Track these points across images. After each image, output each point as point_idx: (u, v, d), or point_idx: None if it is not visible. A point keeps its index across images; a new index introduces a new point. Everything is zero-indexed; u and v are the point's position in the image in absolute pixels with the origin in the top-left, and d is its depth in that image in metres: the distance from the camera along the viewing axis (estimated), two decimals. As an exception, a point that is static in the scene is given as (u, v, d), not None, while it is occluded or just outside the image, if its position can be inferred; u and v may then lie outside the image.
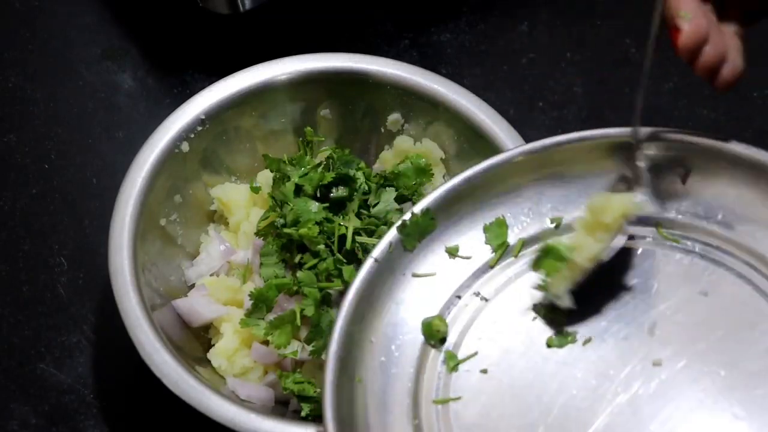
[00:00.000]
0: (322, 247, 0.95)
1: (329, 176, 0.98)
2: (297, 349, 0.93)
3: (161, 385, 0.88)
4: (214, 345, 0.96)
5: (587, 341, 0.82)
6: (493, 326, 0.85)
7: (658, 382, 0.79)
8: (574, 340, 0.82)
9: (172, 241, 1.01)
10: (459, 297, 0.87)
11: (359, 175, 0.98)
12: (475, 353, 0.84)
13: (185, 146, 1.00)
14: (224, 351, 0.95)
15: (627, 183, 0.86)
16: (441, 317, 0.86)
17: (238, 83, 1.02)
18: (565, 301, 0.82)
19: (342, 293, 0.88)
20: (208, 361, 0.95)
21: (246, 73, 1.02)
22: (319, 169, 0.99)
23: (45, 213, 1.10)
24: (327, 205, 0.97)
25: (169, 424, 0.98)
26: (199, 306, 0.97)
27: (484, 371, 0.83)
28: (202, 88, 1.02)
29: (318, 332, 0.93)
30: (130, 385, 0.99)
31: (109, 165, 1.11)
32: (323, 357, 0.86)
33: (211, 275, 1.00)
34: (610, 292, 0.84)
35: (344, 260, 0.94)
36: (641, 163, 0.85)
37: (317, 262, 0.95)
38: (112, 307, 0.91)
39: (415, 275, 0.88)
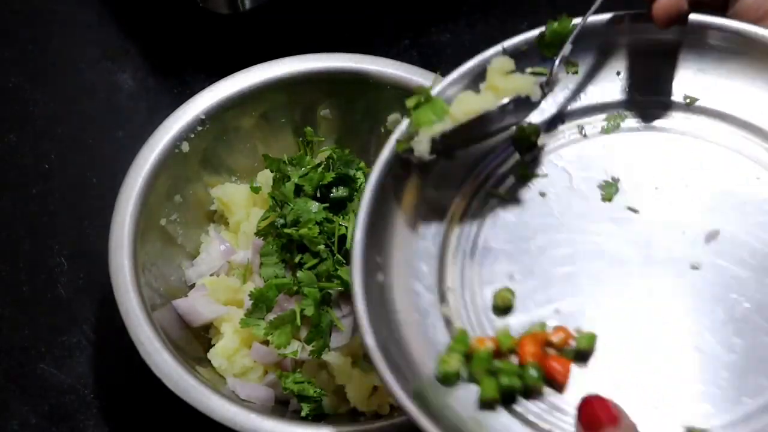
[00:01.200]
0: (322, 247, 0.95)
1: (329, 176, 0.98)
2: (297, 349, 0.93)
3: (161, 385, 0.88)
4: (214, 345, 0.96)
5: (647, 216, 0.81)
6: (575, 161, 0.85)
7: (684, 282, 0.78)
8: (636, 210, 0.82)
9: (172, 241, 1.01)
10: (563, 122, 0.87)
11: (359, 175, 0.99)
12: (546, 175, 0.84)
13: (185, 146, 1.00)
14: (224, 351, 0.95)
15: (543, 84, 0.83)
16: (536, 126, 0.86)
17: (238, 83, 1.02)
18: (423, 147, 0.80)
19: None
20: (208, 361, 0.95)
21: (246, 73, 1.02)
22: (319, 169, 0.99)
23: (45, 213, 1.10)
24: (327, 205, 0.97)
25: (169, 424, 0.98)
26: (199, 306, 0.97)
27: (543, 194, 0.84)
28: (202, 88, 1.02)
29: (318, 332, 0.93)
30: (130, 385, 0.99)
31: (109, 165, 1.11)
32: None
33: (211, 275, 1.00)
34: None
35: (344, 260, 0.94)
36: (559, 71, 0.84)
37: (317, 263, 0.95)
38: (112, 307, 0.91)
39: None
